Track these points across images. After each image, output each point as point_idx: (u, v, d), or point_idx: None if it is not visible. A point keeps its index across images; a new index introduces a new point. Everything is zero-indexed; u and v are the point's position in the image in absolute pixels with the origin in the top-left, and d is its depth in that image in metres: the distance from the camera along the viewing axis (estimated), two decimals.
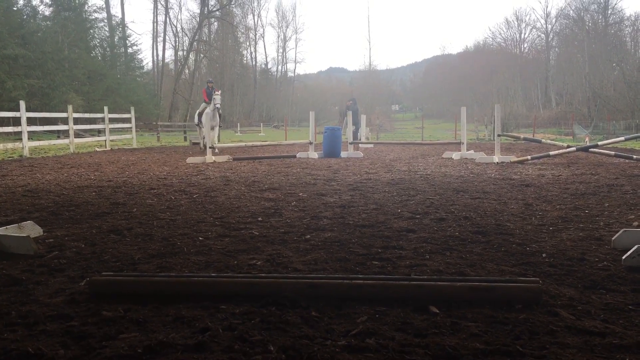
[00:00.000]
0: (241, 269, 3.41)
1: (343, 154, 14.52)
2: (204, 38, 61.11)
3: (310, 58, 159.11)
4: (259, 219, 5.18)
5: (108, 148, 19.64)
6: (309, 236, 4.35)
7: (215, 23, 64.59)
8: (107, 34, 52.87)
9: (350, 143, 15.69)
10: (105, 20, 53.17)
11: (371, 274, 3.22)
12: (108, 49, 52.75)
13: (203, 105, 17.54)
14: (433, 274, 3.25)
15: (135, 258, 3.70)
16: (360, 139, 18.59)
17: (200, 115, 17.38)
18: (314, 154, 14.20)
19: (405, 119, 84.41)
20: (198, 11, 56.12)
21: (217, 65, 65.92)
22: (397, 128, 57.88)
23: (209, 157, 12.70)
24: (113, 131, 22.24)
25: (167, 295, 2.83)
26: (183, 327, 2.45)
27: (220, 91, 17.14)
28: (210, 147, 13.46)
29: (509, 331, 2.36)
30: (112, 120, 21.67)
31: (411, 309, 2.64)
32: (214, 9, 56.92)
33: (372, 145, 19.26)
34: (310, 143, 14.76)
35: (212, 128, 16.08)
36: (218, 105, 16.58)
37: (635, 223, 4.79)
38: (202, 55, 61.10)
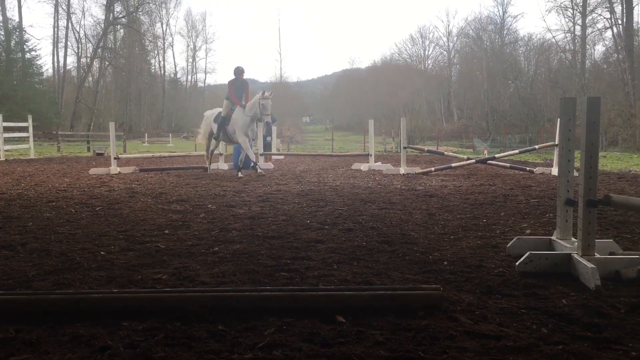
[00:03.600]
0: (145, 283, 3.30)
1: None
2: (109, 45, 58.90)
3: (221, 68, 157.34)
4: (166, 231, 5.04)
5: (2, 158, 18.40)
6: (217, 248, 4.29)
7: (122, 30, 62.50)
8: (3, 39, 49.68)
9: (261, 154, 15.65)
10: (1, 24, 49.98)
11: (280, 286, 3.22)
12: (4, 54, 49.54)
13: (227, 104, 11.68)
14: (340, 283, 3.29)
15: (29, 275, 3.48)
16: (271, 150, 18.57)
17: (225, 120, 11.67)
18: (224, 165, 14.03)
19: (316, 130, 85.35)
20: (103, 17, 54.23)
21: (123, 74, 63.76)
22: (308, 140, 58.48)
23: (114, 168, 12.22)
24: (8, 140, 20.86)
25: (64, 314, 2.68)
26: (80, 346, 2.33)
27: (271, 92, 11.26)
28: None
29: (411, 337, 2.43)
30: (7, 129, 20.37)
31: (319, 319, 2.66)
32: (120, 15, 55.20)
33: (283, 157, 19.31)
34: (221, 154, 14.59)
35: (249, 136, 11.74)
36: (269, 120, 11.33)
37: (528, 231, 5.11)
38: (107, 63, 58.95)
